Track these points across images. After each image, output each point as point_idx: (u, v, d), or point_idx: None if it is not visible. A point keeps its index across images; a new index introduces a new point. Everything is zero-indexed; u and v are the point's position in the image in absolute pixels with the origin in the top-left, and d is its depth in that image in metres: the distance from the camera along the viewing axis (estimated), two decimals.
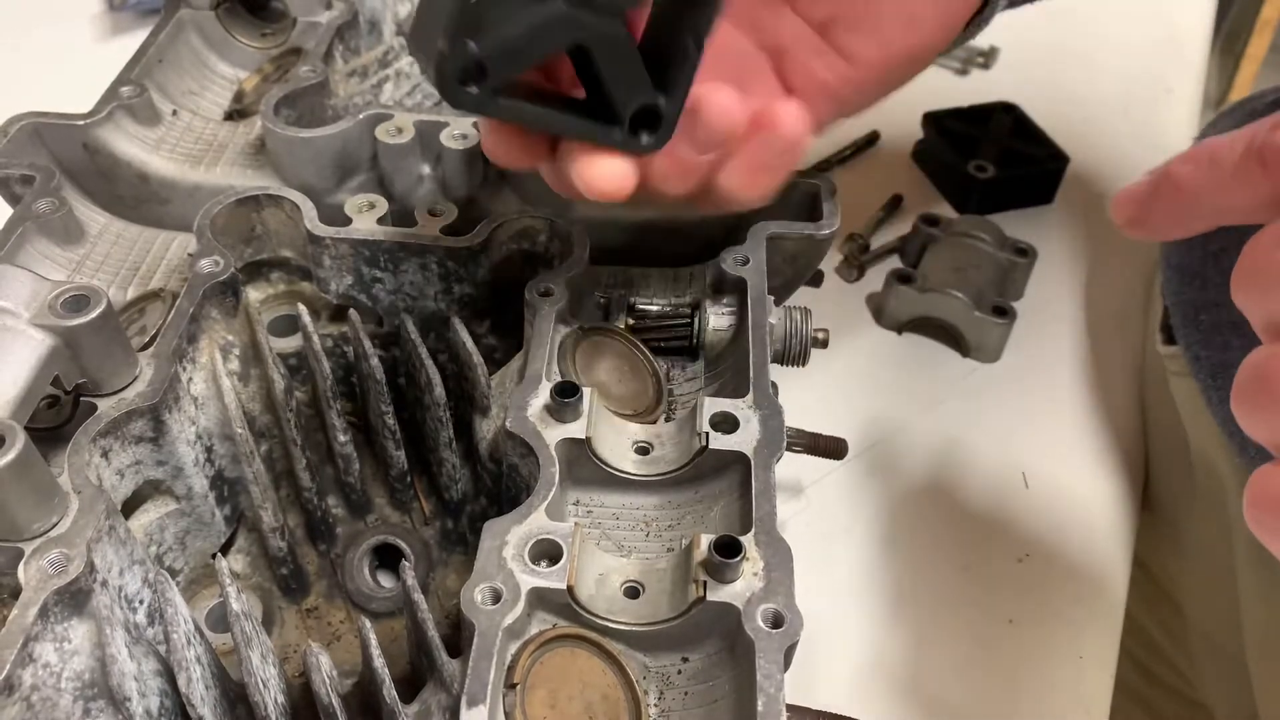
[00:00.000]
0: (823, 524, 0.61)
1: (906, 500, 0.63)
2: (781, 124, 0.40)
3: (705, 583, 0.37)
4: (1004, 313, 0.69)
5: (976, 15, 0.49)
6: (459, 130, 0.54)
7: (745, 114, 0.40)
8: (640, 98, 0.38)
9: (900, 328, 0.72)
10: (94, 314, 0.40)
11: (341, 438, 0.50)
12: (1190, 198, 0.35)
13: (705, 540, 0.37)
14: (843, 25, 0.45)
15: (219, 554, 0.47)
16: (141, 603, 0.41)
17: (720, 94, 0.39)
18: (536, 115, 0.38)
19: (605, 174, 0.39)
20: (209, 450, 0.47)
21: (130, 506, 0.45)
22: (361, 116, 0.55)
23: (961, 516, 0.62)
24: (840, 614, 0.57)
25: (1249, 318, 0.32)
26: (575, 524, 0.39)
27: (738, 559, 0.36)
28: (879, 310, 0.73)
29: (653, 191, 0.42)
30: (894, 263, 0.77)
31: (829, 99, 0.46)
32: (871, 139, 0.87)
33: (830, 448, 0.55)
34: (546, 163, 0.41)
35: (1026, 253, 0.74)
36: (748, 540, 0.38)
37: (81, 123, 0.55)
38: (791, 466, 0.62)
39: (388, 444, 0.51)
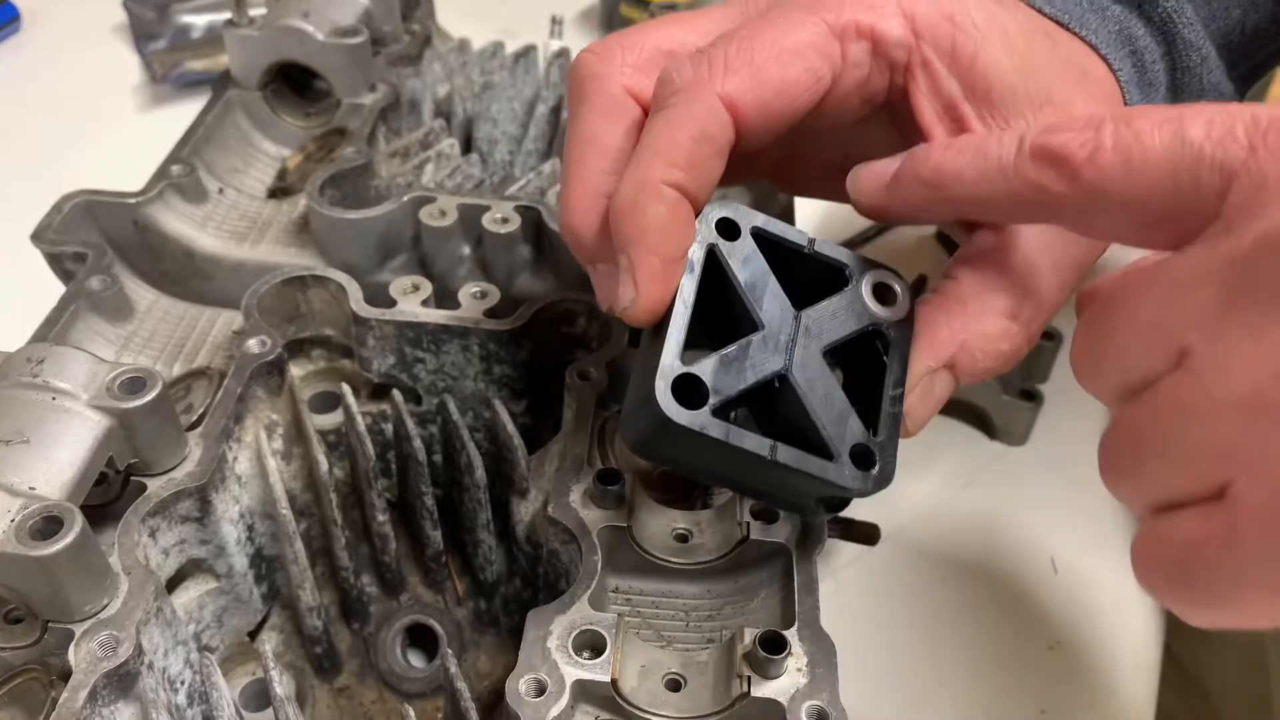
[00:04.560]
0: (855, 610, 0.60)
1: (937, 585, 0.63)
2: None
3: (749, 678, 0.37)
4: (1031, 396, 0.70)
5: None
6: (500, 214, 0.56)
7: None
8: None
9: None
10: (150, 396, 0.40)
11: (380, 517, 0.50)
12: (946, 184, 0.35)
13: (750, 634, 0.37)
14: None
15: (260, 636, 0.47)
16: (183, 684, 0.41)
17: None
18: None
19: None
20: (250, 529, 0.47)
21: (171, 585, 0.45)
22: (405, 199, 0.56)
23: (991, 603, 0.62)
24: (871, 703, 0.57)
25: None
26: (618, 615, 0.39)
27: (783, 655, 0.36)
28: None
29: None
30: None
31: None
32: None
33: (863, 533, 0.55)
34: None
35: (1052, 336, 0.74)
36: (791, 635, 0.38)
37: (133, 201, 0.56)
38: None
39: (425, 524, 0.51)
